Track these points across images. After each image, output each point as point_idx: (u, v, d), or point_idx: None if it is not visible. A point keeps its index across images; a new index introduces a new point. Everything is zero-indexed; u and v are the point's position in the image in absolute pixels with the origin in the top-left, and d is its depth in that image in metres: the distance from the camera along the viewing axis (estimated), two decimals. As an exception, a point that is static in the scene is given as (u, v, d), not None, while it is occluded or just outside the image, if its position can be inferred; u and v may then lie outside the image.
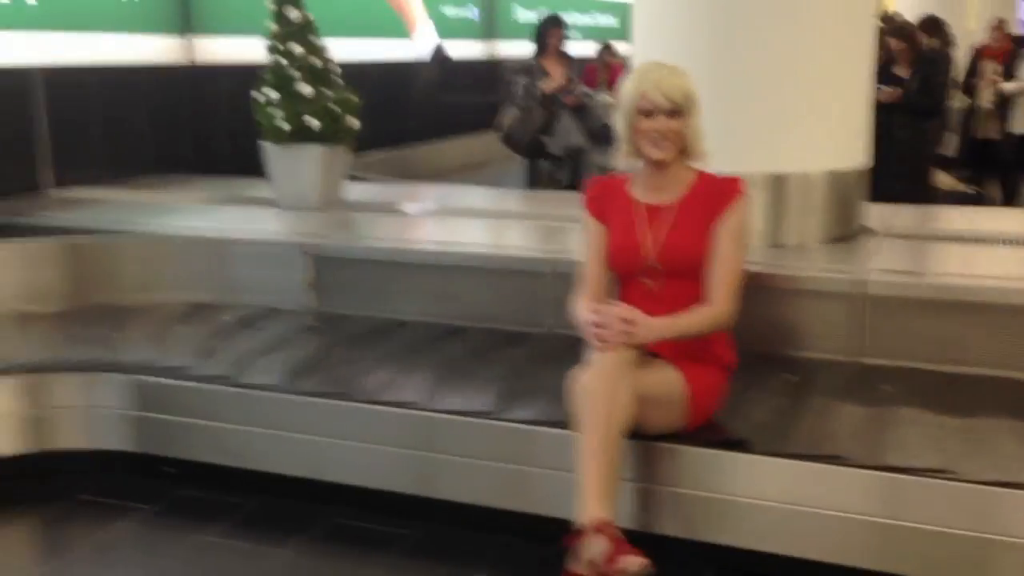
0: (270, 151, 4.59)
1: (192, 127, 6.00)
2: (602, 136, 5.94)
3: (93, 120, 5.36)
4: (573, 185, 6.14)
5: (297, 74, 4.47)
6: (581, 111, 6.16)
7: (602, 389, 2.36)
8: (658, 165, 2.63)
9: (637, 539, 2.31)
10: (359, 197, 4.92)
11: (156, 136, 5.76)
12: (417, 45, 8.50)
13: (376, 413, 2.89)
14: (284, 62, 4.50)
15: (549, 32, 6.31)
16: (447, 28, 8.93)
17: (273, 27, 4.53)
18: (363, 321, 3.64)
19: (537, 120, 6.16)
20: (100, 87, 5.38)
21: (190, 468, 3.14)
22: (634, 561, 2.20)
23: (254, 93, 4.58)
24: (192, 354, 3.28)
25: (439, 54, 8.71)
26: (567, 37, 6.48)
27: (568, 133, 6.11)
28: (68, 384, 3.14)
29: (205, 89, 6.08)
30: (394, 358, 3.25)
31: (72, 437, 3.13)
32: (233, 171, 5.84)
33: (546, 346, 3.34)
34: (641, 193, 2.70)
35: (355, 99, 4.65)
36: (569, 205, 4.72)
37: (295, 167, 4.56)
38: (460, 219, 4.47)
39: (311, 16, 4.60)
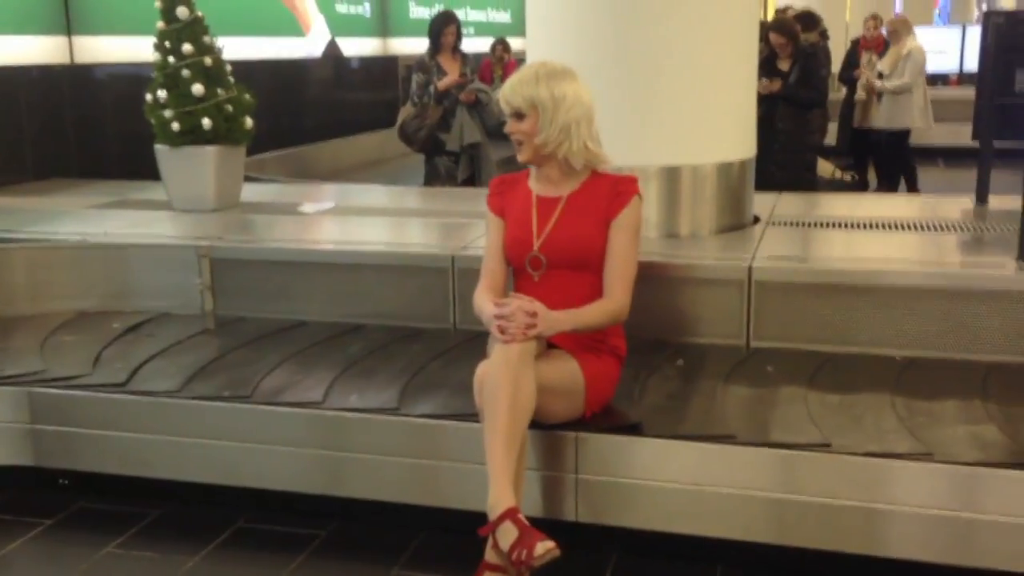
0: (162, 153, 4.50)
1: (77, 130, 5.81)
2: (498, 132, 6.01)
3: (19, 118, 5.15)
4: (470, 181, 6.19)
5: (187, 73, 4.38)
6: (477, 107, 6.21)
7: (506, 380, 2.41)
8: (534, 164, 2.73)
9: (545, 526, 2.37)
10: (256, 198, 4.86)
11: (38, 139, 5.56)
12: (310, 43, 8.41)
13: (278, 414, 2.88)
14: (173, 61, 4.41)
15: (444, 29, 6.34)
16: (340, 25, 8.85)
17: (161, 25, 4.43)
18: (263, 322, 3.61)
19: (433, 117, 6.19)
20: (25, 88, 5.18)
21: (88, 480, 3.07)
22: (542, 546, 2.26)
23: (147, 94, 4.48)
24: (84, 363, 3.20)
25: (331, 51, 8.64)
26: (461, 34, 6.52)
27: (464, 129, 6.15)
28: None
29: (89, 90, 5.90)
30: (295, 358, 3.23)
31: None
32: (123, 175, 5.70)
33: (447, 341, 3.38)
34: (537, 186, 2.78)
35: (249, 98, 4.59)
36: (465, 201, 4.80)
37: (189, 169, 4.47)
38: (359, 217, 4.46)
39: (200, 13, 4.51)
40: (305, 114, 8.18)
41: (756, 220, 4.00)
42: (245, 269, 3.75)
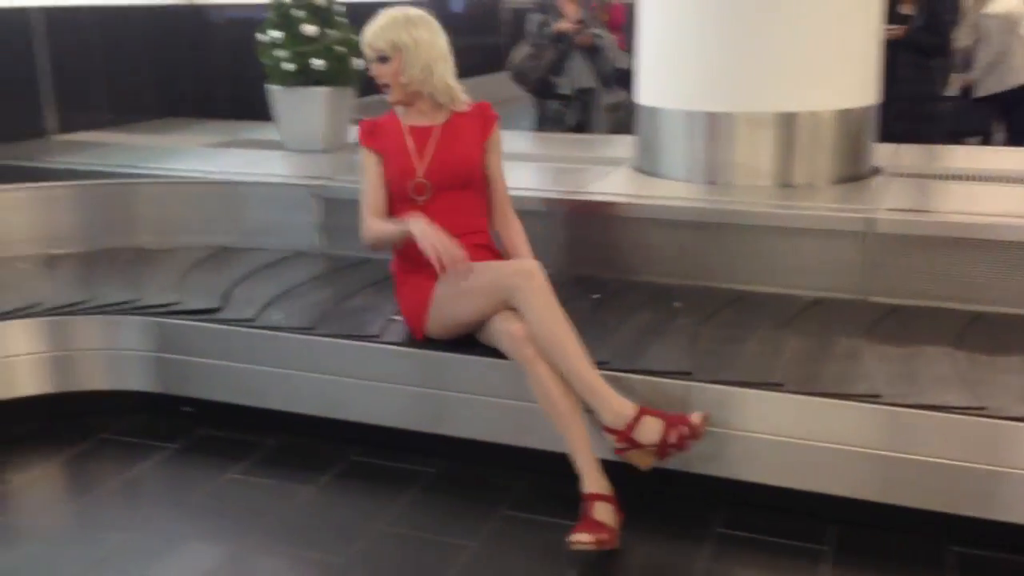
0: (275, 93, 4.57)
1: (193, 69, 5.95)
2: (611, 77, 5.93)
3: (94, 62, 5.32)
4: (580, 127, 6.14)
5: (301, 14, 4.43)
6: (592, 52, 6.12)
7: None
8: (404, 102, 2.92)
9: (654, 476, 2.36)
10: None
11: (157, 79, 5.72)
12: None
13: (388, 352, 2.93)
14: (288, 2, 4.46)
15: None
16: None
17: (277, -34, 4.48)
18: (369, 263, 3.68)
19: (548, 59, 6.12)
20: (100, 28, 5.33)
21: (209, 408, 3.20)
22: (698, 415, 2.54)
23: (258, 34, 4.55)
24: (209, 296, 3.30)
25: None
26: None
27: (578, 73, 6.08)
28: (90, 326, 3.17)
29: (206, 31, 6.02)
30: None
31: (94, 378, 3.18)
32: (234, 114, 5.83)
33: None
34: (408, 120, 2.96)
35: (357, 39, 4.61)
36: (571, 146, 4.76)
37: (300, 109, 4.54)
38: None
39: (314, -45, 4.54)
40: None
41: (876, 171, 3.88)
42: (354, 209, 3.80)
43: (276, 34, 4.47)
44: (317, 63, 4.43)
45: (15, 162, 4.33)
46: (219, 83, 6.14)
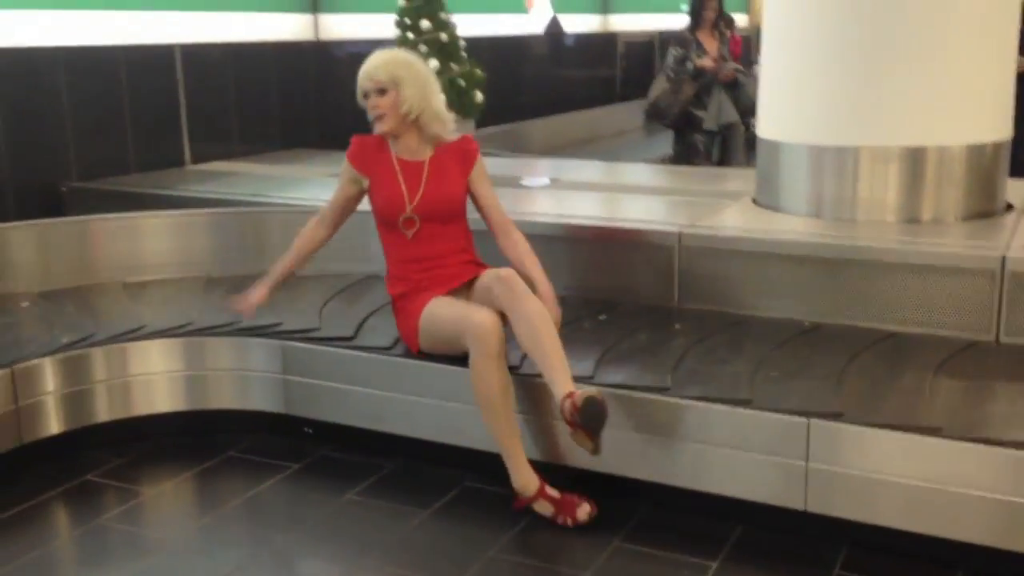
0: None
1: (318, 103, 6.18)
2: (752, 112, 5.93)
3: (225, 96, 5.58)
4: (723, 161, 6.15)
5: (424, 48, 4.56)
6: (734, 86, 6.14)
7: (495, 368, 2.82)
8: (391, 135, 3.08)
9: (772, 514, 2.32)
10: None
11: (283, 111, 5.96)
12: (533, 19, 8.54)
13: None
14: (412, 37, 4.60)
15: (705, 4, 6.26)
16: (563, 2, 8.93)
17: (402, 2, 4.63)
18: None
19: (687, 93, 6.15)
20: (232, 64, 5.60)
21: (329, 429, 3.29)
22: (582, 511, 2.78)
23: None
24: (335, 321, 3.40)
25: (554, 27, 8.73)
26: (723, 9, 6.42)
27: (722, 108, 6.10)
28: (223, 347, 3.31)
29: (330, 65, 6.25)
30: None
31: (225, 397, 3.31)
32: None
33: (631, 313, 3.38)
34: (398, 151, 3.13)
35: (480, 73, 4.73)
36: (703, 180, 4.73)
37: (422, 141, 4.65)
38: (587, 192, 4.51)
39: (440, -9, 4.69)
40: (523, 90, 8.32)
41: (1009, 207, 3.74)
42: (475, 238, 3.87)
43: (400, 68, 4.60)
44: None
45: (156, 190, 4.57)
46: (341, 116, 6.33)
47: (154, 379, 3.28)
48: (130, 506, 2.97)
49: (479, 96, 4.71)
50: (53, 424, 3.18)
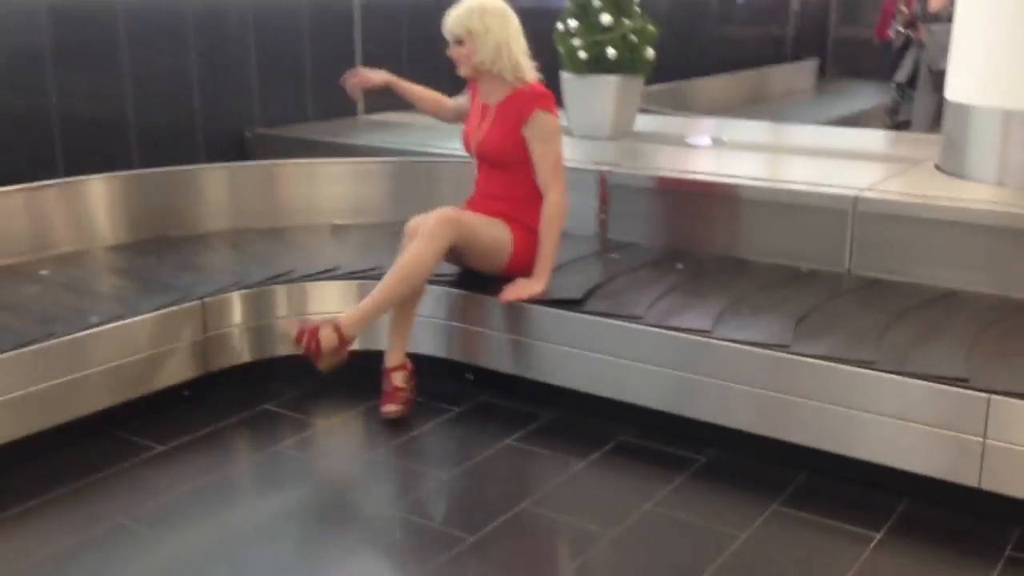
0: (567, 80, 4.71)
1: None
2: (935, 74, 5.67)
3: (398, 49, 5.71)
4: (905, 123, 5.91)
5: (598, 3, 4.53)
6: (920, 47, 5.88)
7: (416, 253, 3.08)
8: (473, 77, 3.34)
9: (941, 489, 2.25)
10: (645, 128, 4.96)
11: (452, 64, 6.03)
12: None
13: (664, 337, 2.96)
14: (586, -8, 4.57)
15: None
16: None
17: (579, -43, 4.61)
18: (650, 251, 3.72)
19: (896, 45, 5.94)
20: (406, 17, 5.71)
21: (488, 376, 3.37)
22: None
23: (557, 24, 4.70)
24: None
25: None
26: None
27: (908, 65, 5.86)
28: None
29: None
30: (682, 287, 3.31)
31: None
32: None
33: (842, 285, 3.29)
34: (481, 93, 3.38)
35: (653, 29, 4.66)
36: (899, 145, 4.54)
37: (591, 97, 4.66)
38: (758, 152, 4.41)
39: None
40: (691, 47, 8.15)
41: None
42: (638, 196, 3.87)
43: (573, 23, 4.60)
44: (611, 52, 4.52)
45: (332, 139, 4.74)
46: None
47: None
48: (303, 436, 3.15)
49: (650, 52, 4.64)
50: (237, 354, 3.39)
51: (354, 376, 3.27)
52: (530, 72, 3.28)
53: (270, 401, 3.35)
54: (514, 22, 3.29)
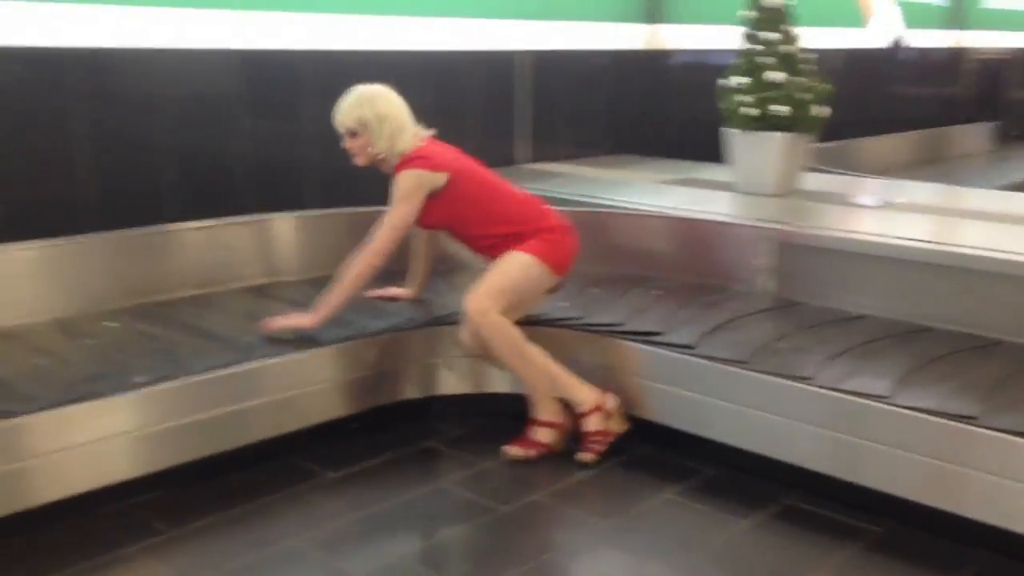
0: (733, 136, 4.71)
1: (645, 110, 6.30)
2: None
3: (557, 100, 5.82)
4: None
5: (769, 61, 4.52)
6: None
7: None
8: (371, 166, 3.31)
9: None
10: (815, 186, 4.89)
11: (610, 118, 6.14)
12: (872, 33, 8.18)
13: (837, 401, 2.88)
14: (757, 48, 4.57)
15: None
16: (909, 15, 8.48)
17: (750, 14, 4.62)
18: (820, 311, 3.64)
19: None
20: (566, 71, 5.83)
21: (648, 428, 3.35)
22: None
23: (721, 80, 4.71)
24: (658, 322, 3.47)
25: (898, 42, 8.31)
26: None
27: None
28: (563, 338, 3.47)
29: (662, 74, 6.35)
30: (853, 349, 3.21)
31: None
32: (681, 154, 6.08)
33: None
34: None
35: (826, 87, 4.61)
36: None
37: (757, 153, 4.63)
38: (931, 215, 4.28)
39: (787, 2, 4.62)
40: (859, 105, 7.98)
41: None
42: (808, 255, 3.80)
43: (741, 80, 4.60)
44: (779, 109, 4.49)
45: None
46: (667, 123, 6.44)
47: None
48: (467, 474, 3.21)
49: (823, 110, 4.59)
50: (405, 390, 3.50)
51: (519, 419, 3.31)
52: (414, 145, 3.26)
53: (435, 438, 3.44)
54: (400, 103, 3.30)
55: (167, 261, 3.75)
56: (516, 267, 3.25)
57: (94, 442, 2.74)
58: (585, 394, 3.26)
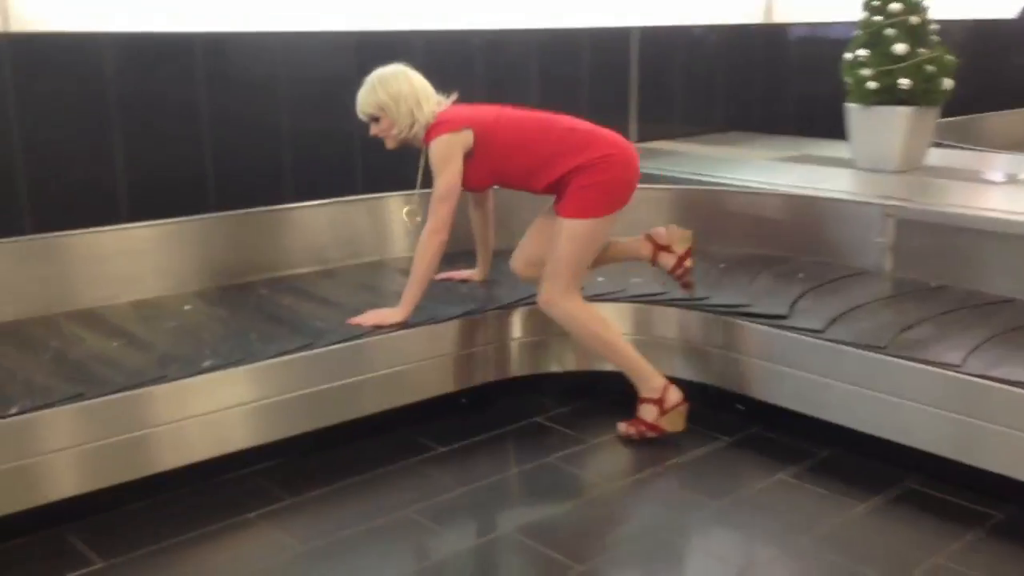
0: (853, 111, 4.55)
1: (762, 86, 6.15)
2: None
3: (672, 77, 5.74)
4: None
5: (892, 32, 4.35)
6: None
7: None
8: (402, 147, 3.30)
9: None
10: (940, 162, 4.69)
11: (727, 94, 6.01)
12: (1005, 2, 7.78)
13: (967, 384, 2.77)
14: (880, 19, 4.41)
15: None
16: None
17: (870, -16, 4.46)
18: (942, 290, 3.50)
19: None
20: (682, 47, 5.74)
21: (761, 409, 3.30)
22: None
23: (846, 54, 4.56)
24: (775, 302, 3.40)
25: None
26: None
27: None
28: (667, 316, 3.45)
29: (779, 48, 6.19)
30: (996, 336, 3.06)
31: (665, 363, 3.41)
32: (797, 131, 5.93)
33: None
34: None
35: (952, 59, 4.42)
36: None
37: (878, 128, 4.48)
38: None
39: (912, -28, 4.44)
40: (988, 78, 7.61)
41: None
42: (930, 233, 3.66)
43: (863, 52, 4.45)
44: (903, 82, 4.32)
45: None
46: (785, 99, 6.27)
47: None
48: (573, 451, 3.21)
49: (948, 83, 4.40)
50: (514, 367, 3.52)
51: (627, 398, 3.30)
52: (436, 116, 3.21)
53: (543, 414, 3.45)
54: (416, 78, 3.24)
55: (286, 238, 3.86)
56: (573, 241, 3.14)
57: (214, 412, 2.83)
58: (652, 382, 3.22)
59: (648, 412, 3.24)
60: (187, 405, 2.78)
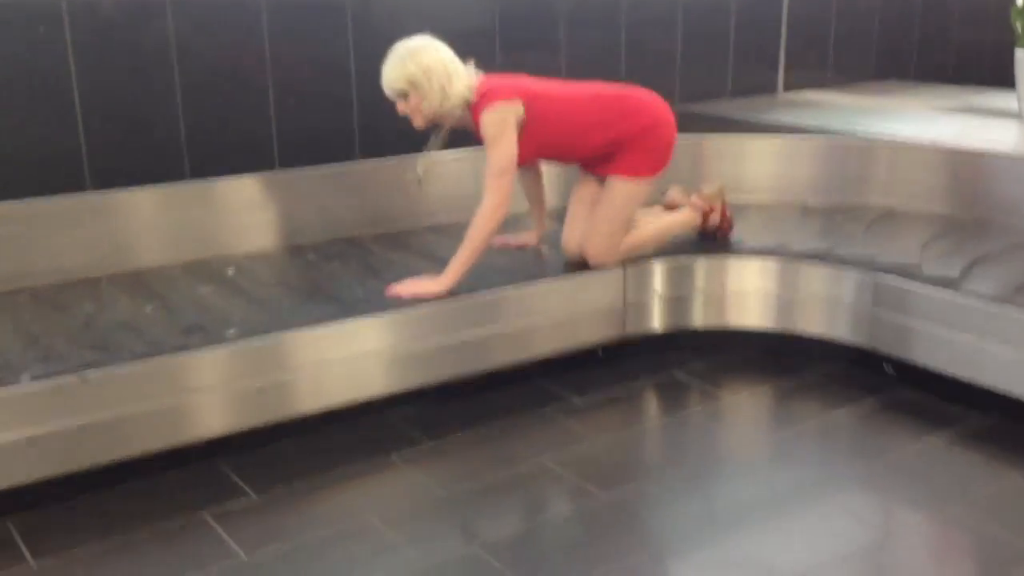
0: (1022, 59, 4.25)
1: (920, 32, 5.82)
2: None
3: (825, 25, 5.48)
4: None
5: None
6: None
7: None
8: (432, 125, 3.16)
9: None
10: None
11: (881, 41, 5.71)
12: None
13: None
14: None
15: None
16: None
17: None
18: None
19: None
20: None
21: (911, 371, 3.16)
22: None
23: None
24: (938, 263, 3.23)
25: None
26: None
27: None
28: (815, 274, 3.32)
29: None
30: None
31: (812, 323, 3.33)
32: (959, 80, 5.59)
33: None
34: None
35: None
36: None
37: (1050, 76, 4.17)
38: None
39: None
40: None
41: None
42: None
43: (1036, -5, 4.14)
44: (1079, 26, 4.01)
45: (749, 116, 4.67)
46: (944, 46, 5.92)
47: (748, 295, 3.42)
48: (711, 407, 3.17)
49: None
50: (652, 323, 3.48)
51: (766, 356, 3.22)
52: (471, 88, 3.10)
53: (679, 369, 3.41)
54: (444, 50, 3.09)
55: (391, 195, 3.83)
56: (619, 200, 3.26)
57: (351, 359, 2.88)
58: (689, 215, 3.54)
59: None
60: (321, 351, 2.84)
